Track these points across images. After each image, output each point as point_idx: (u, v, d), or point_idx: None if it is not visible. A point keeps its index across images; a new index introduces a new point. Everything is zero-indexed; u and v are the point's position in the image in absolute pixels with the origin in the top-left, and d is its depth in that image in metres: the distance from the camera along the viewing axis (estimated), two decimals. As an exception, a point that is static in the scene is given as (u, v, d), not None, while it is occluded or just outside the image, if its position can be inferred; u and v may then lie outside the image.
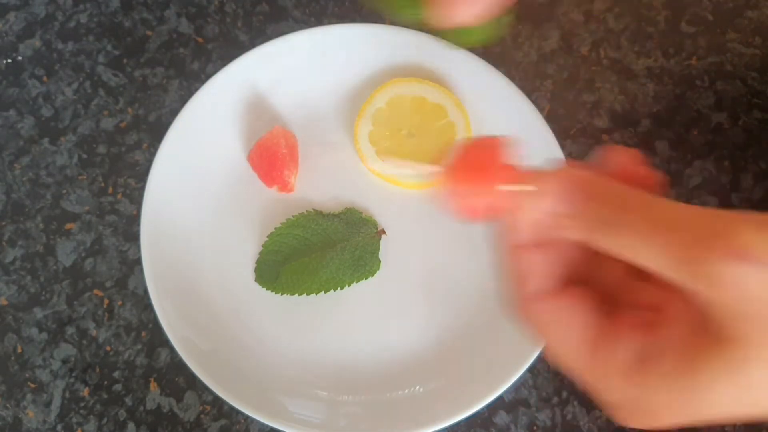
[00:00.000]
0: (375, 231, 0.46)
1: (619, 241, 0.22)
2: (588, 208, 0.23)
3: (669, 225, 0.21)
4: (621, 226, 0.22)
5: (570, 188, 0.23)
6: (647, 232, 0.21)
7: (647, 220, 0.21)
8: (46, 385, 0.45)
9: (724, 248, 0.19)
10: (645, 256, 0.21)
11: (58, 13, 0.54)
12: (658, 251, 0.21)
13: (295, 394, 0.43)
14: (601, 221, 0.22)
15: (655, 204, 0.22)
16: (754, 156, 0.50)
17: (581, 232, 0.23)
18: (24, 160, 0.50)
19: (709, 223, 0.20)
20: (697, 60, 0.53)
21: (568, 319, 0.24)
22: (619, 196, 0.22)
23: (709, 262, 0.19)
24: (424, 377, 0.44)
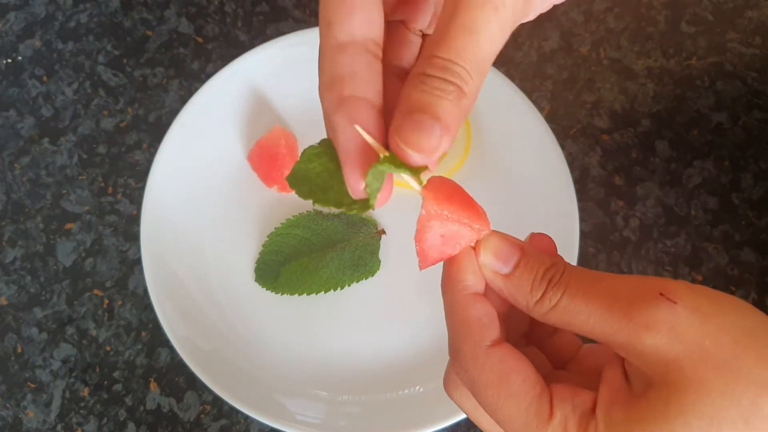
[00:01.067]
0: (375, 231, 0.46)
1: (558, 308, 0.23)
2: (531, 272, 0.24)
3: (603, 286, 0.23)
4: (561, 287, 0.23)
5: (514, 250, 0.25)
6: (585, 291, 0.23)
7: (584, 282, 0.23)
8: (46, 385, 0.45)
9: (656, 296, 0.21)
10: (582, 316, 0.23)
11: (58, 13, 0.54)
12: (595, 310, 0.22)
13: (295, 393, 0.43)
14: (544, 285, 0.24)
15: (588, 271, 0.24)
16: (754, 156, 0.50)
17: (519, 294, 0.25)
18: (24, 160, 0.50)
19: (640, 283, 0.22)
20: (697, 60, 0.53)
21: (523, 368, 0.24)
22: (558, 265, 0.24)
23: (643, 309, 0.21)
24: (424, 377, 0.44)
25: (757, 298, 0.47)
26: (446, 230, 0.25)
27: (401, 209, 0.48)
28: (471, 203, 0.25)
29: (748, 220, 0.48)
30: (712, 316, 0.21)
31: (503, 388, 0.23)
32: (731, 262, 0.47)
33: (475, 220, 0.25)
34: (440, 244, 0.25)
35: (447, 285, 0.26)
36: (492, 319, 0.25)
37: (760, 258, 0.47)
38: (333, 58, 0.24)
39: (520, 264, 0.25)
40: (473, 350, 0.24)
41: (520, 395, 0.23)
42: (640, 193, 0.49)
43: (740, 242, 0.48)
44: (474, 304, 0.25)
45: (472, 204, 0.25)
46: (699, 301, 0.21)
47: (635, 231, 0.48)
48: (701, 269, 0.47)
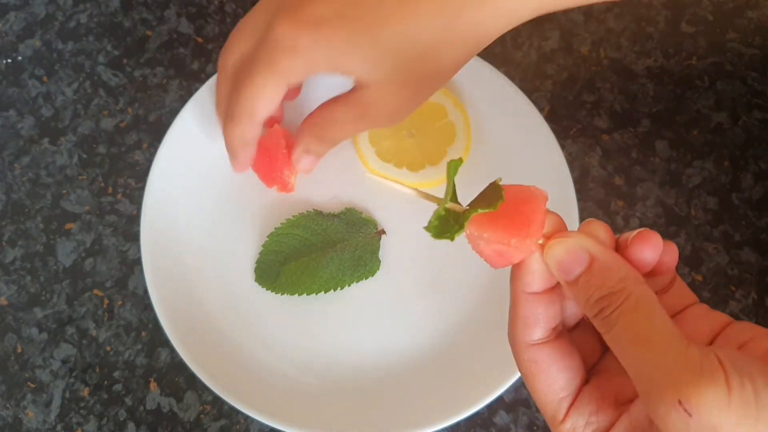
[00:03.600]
0: (375, 231, 0.46)
1: (604, 332, 0.24)
2: (587, 292, 0.24)
3: (646, 349, 0.22)
4: (609, 324, 0.23)
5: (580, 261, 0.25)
6: (628, 343, 0.23)
7: (631, 332, 0.23)
8: (46, 385, 0.45)
9: (673, 396, 0.21)
10: (620, 359, 0.23)
11: (58, 13, 0.54)
12: (630, 366, 0.23)
13: (295, 393, 0.43)
14: (596, 310, 0.24)
15: (646, 317, 0.23)
16: (754, 156, 0.50)
17: (579, 305, 0.25)
18: (24, 160, 0.50)
19: (676, 368, 0.21)
20: (697, 60, 0.53)
21: (552, 372, 0.26)
22: (619, 294, 0.24)
23: (662, 404, 0.21)
24: (424, 377, 0.44)
25: (757, 299, 0.47)
26: (494, 248, 0.25)
27: (401, 209, 0.48)
28: (517, 218, 0.25)
29: (748, 220, 0.48)
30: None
31: (531, 383, 0.26)
32: (731, 262, 0.47)
33: (522, 235, 0.24)
34: (497, 255, 0.25)
35: (511, 279, 0.27)
36: (538, 321, 0.26)
37: (760, 258, 0.47)
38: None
39: (581, 278, 0.24)
40: (516, 343, 0.26)
41: (542, 393, 0.26)
42: (640, 193, 0.49)
43: (740, 242, 0.48)
44: (524, 303, 0.26)
45: (519, 218, 0.25)
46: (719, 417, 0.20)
47: (635, 231, 0.48)
48: (701, 269, 0.47)
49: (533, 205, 0.25)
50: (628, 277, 0.24)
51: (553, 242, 0.25)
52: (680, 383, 0.21)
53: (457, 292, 0.46)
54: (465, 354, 0.44)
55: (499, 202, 0.24)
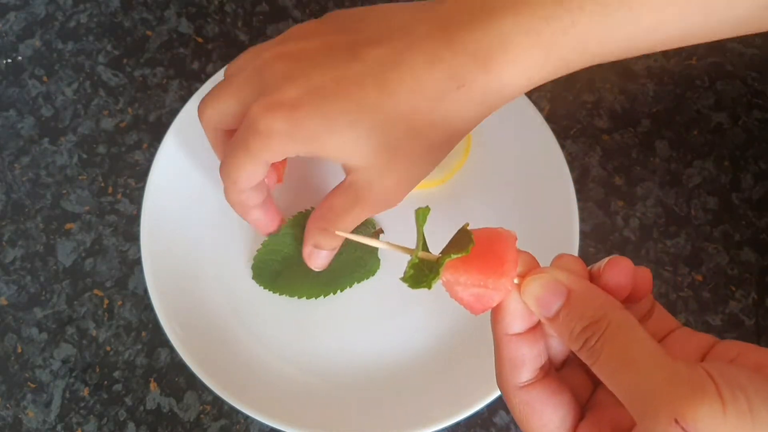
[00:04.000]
0: (374, 230, 0.46)
1: (591, 363, 0.24)
2: (568, 326, 0.24)
3: (635, 371, 0.22)
4: (595, 354, 0.23)
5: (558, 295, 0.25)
6: (616, 369, 0.23)
7: (617, 358, 0.23)
8: (46, 385, 0.45)
9: (668, 416, 0.21)
10: (611, 387, 0.23)
11: (58, 13, 0.54)
12: (621, 391, 0.22)
13: (295, 393, 0.43)
14: (580, 342, 0.24)
15: (630, 340, 0.23)
16: (754, 156, 0.50)
17: (564, 340, 0.25)
18: (24, 160, 0.50)
19: (669, 386, 0.21)
20: (697, 60, 0.53)
21: (546, 413, 0.26)
22: (600, 323, 0.23)
23: (658, 424, 0.21)
24: (424, 377, 0.44)
25: (758, 299, 0.47)
26: (471, 293, 0.25)
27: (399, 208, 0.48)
28: (492, 256, 0.25)
29: (748, 220, 0.48)
30: None
31: (525, 426, 0.26)
32: (731, 262, 0.47)
33: (498, 274, 0.24)
34: (475, 300, 0.25)
35: (492, 322, 0.27)
36: (524, 362, 0.26)
37: (760, 258, 0.47)
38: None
39: (561, 312, 0.24)
40: (504, 387, 0.26)
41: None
42: (640, 193, 0.49)
43: (740, 242, 0.48)
44: (508, 345, 0.26)
45: (495, 256, 0.25)
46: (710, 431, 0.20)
47: (635, 231, 0.48)
48: (701, 269, 0.47)
49: (504, 245, 0.25)
50: (605, 304, 0.24)
51: (528, 280, 0.25)
52: (673, 401, 0.21)
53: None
54: (465, 353, 0.44)
55: (470, 245, 0.24)
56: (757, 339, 0.46)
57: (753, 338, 0.46)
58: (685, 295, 0.47)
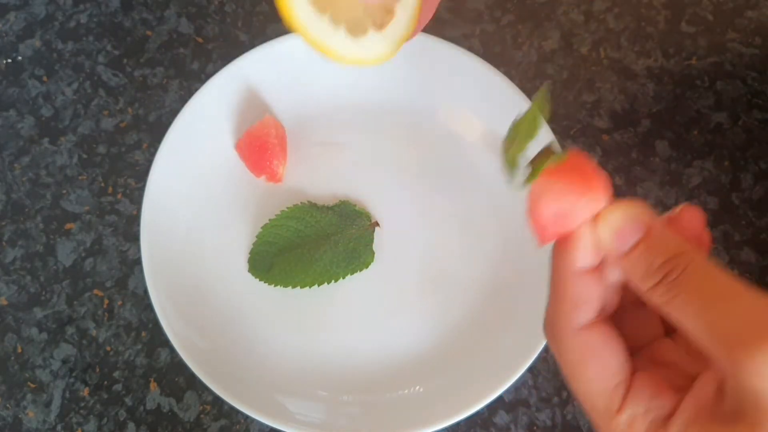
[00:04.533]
0: (368, 223, 0.46)
1: (668, 299, 0.22)
2: (647, 259, 0.23)
3: (725, 304, 0.21)
4: (676, 288, 0.22)
5: (636, 229, 0.23)
6: (701, 303, 0.21)
7: (703, 292, 0.21)
8: (46, 385, 0.45)
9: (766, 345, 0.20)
10: (692, 325, 0.22)
11: (58, 13, 0.54)
12: (707, 327, 0.21)
13: (295, 393, 0.43)
14: (659, 276, 0.22)
15: (716, 276, 0.22)
16: (754, 156, 0.50)
17: (634, 277, 0.23)
18: (24, 160, 0.50)
19: (761, 317, 0.21)
20: (697, 60, 0.53)
21: (605, 356, 0.24)
22: (683, 257, 0.22)
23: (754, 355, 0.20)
24: (424, 377, 0.44)
25: (757, 298, 0.47)
26: (561, 204, 0.23)
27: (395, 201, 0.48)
28: (587, 173, 0.23)
29: (748, 220, 0.48)
30: None
31: (581, 371, 0.24)
32: (731, 262, 0.47)
33: (592, 191, 0.23)
34: (556, 218, 0.23)
35: (556, 255, 0.25)
36: (589, 301, 0.24)
37: (760, 258, 0.47)
38: None
39: (639, 245, 0.23)
40: (563, 328, 0.24)
41: (595, 382, 0.23)
42: (640, 193, 0.49)
43: (740, 242, 0.48)
44: (575, 282, 0.24)
45: (589, 174, 0.23)
46: None
47: (635, 231, 0.48)
48: (701, 269, 0.47)
49: (591, 165, 0.24)
50: (684, 243, 0.23)
51: (608, 209, 0.23)
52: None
53: (454, 287, 0.46)
54: (465, 353, 0.44)
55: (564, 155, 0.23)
56: (757, 339, 0.46)
57: (753, 338, 0.46)
58: (685, 295, 0.46)
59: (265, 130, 0.46)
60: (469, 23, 0.53)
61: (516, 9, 0.54)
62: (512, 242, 0.46)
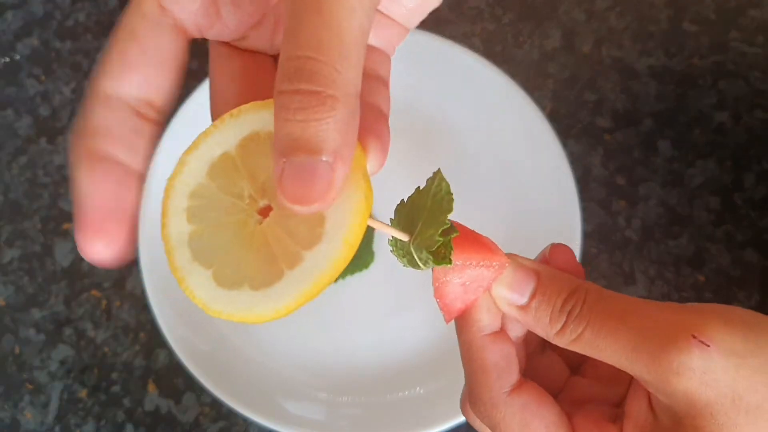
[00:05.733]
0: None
1: (581, 339, 0.22)
2: (548, 304, 0.23)
3: (632, 320, 0.21)
4: (584, 319, 0.22)
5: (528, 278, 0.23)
6: (611, 326, 0.21)
7: (608, 315, 0.22)
8: (44, 386, 0.45)
9: (688, 338, 0.20)
10: (607, 351, 0.22)
11: (56, 12, 0.54)
12: (622, 346, 0.21)
13: (295, 395, 0.43)
14: (563, 316, 0.22)
15: (613, 298, 0.22)
16: (756, 155, 0.50)
17: (541, 325, 0.23)
18: (21, 159, 0.50)
19: (671, 320, 0.21)
20: (699, 59, 0.52)
21: (544, 412, 0.23)
22: (579, 291, 0.23)
23: (675, 351, 0.20)
24: (424, 378, 0.43)
25: (760, 299, 0.46)
26: (465, 277, 0.23)
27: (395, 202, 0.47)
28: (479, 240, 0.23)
29: (751, 220, 0.48)
30: (747, 358, 0.20)
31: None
32: (734, 263, 0.47)
33: (490, 256, 0.23)
34: (462, 292, 0.23)
35: (461, 326, 0.24)
36: (510, 361, 0.24)
37: (762, 258, 0.47)
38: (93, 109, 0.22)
39: (536, 294, 0.23)
40: (493, 398, 0.24)
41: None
42: (642, 193, 0.49)
43: (743, 242, 0.48)
44: (491, 347, 0.24)
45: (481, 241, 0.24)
46: (734, 341, 0.20)
47: (637, 231, 0.48)
48: (703, 269, 0.47)
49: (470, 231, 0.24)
50: (573, 277, 0.23)
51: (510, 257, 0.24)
52: (687, 326, 0.20)
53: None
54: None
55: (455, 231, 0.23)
56: (760, 340, 0.45)
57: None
58: (687, 296, 0.46)
59: None
60: (469, 22, 0.53)
61: (517, 7, 0.54)
62: (513, 242, 0.45)
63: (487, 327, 0.24)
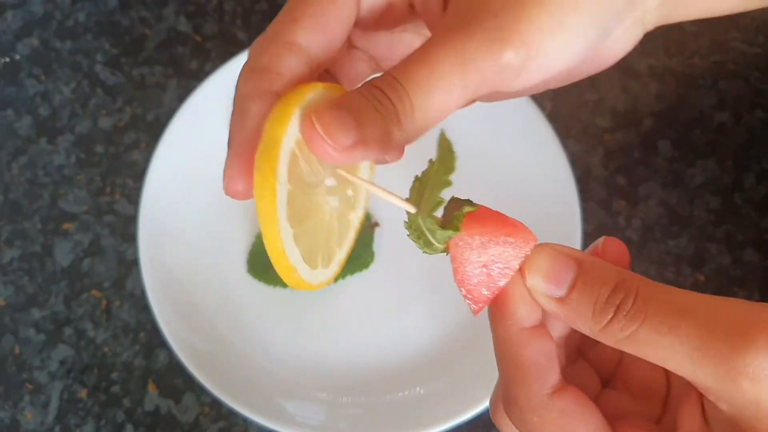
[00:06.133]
0: (369, 223, 0.46)
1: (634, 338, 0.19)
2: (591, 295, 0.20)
3: (697, 315, 0.19)
4: (637, 317, 0.19)
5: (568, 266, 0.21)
6: (673, 322, 0.19)
7: (669, 310, 0.19)
8: (44, 386, 0.45)
9: (765, 337, 0.18)
10: (666, 351, 0.19)
11: (56, 12, 0.54)
12: (686, 345, 0.19)
13: (295, 395, 0.43)
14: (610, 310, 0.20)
15: (671, 291, 0.20)
16: (756, 155, 0.50)
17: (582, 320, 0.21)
18: (21, 159, 0.50)
19: (741, 315, 0.18)
20: (699, 59, 0.52)
21: (588, 418, 0.21)
22: (628, 283, 0.20)
23: (747, 355, 0.18)
24: (425, 378, 0.43)
25: (760, 299, 0.46)
26: (486, 257, 0.21)
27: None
28: (503, 219, 0.21)
29: (751, 221, 0.48)
30: None
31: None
32: (734, 263, 0.47)
33: (516, 233, 0.21)
34: (486, 276, 0.21)
35: (495, 318, 0.22)
36: (551, 359, 0.21)
37: (763, 258, 0.47)
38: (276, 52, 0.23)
39: (576, 284, 0.20)
40: (531, 400, 0.21)
41: None
42: (642, 193, 0.49)
43: (743, 242, 0.48)
44: (529, 342, 0.21)
45: (505, 219, 0.21)
46: None
47: (637, 231, 0.48)
48: (704, 270, 0.47)
49: (492, 211, 0.21)
50: (620, 269, 0.21)
51: (531, 256, 0.21)
52: (763, 325, 0.18)
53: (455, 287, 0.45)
54: (466, 354, 0.44)
55: (473, 205, 0.20)
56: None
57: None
58: (688, 296, 0.46)
59: None
60: (469, 22, 0.53)
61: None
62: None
63: (525, 320, 0.21)
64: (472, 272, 0.21)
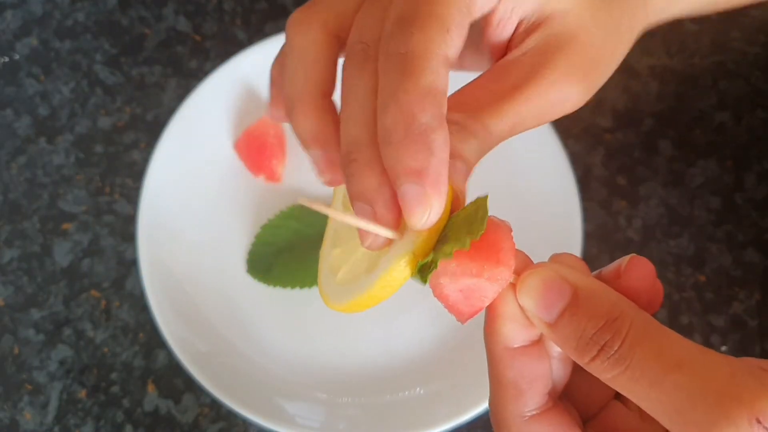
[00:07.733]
0: None
1: (615, 373, 0.19)
2: (577, 329, 0.20)
3: (680, 377, 0.18)
4: (621, 361, 0.19)
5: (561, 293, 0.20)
6: (653, 379, 0.18)
7: (652, 365, 0.18)
8: (44, 386, 0.45)
9: (748, 414, 0.17)
10: (645, 404, 0.19)
11: (56, 12, 0.54)
12: (663, 407, 0.18)
13: (294, 396, 0.43)
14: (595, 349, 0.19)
15: (663, 340, 0.19)
16: (757, 155, 0.50)
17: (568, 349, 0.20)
18: (21, 159, 0.50)
19: (731, 379, 0.18)
20: (700, 59, 0.52)
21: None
22: (619, 322, 0.19)
23: (734, 426, 0.17)
24: (425, 379, 0.43)
25: (761, 299, 0.46)
26: (460, 285, 0.21)
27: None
28: (485, 246, 0.21)
29: (752, 220, 0.48)
30: None
31: None
32: (734, 263, 0.47)
33: (494, 262, 0.20)
34: (463, 298, 0.21)
35: (485, 333, 0.22)
36: (532, 383, 0.21)
37: (763, 258, 0.47)
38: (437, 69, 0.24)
39: (565, 314, 0.20)
40: (506, 419, 0.21)
41: None
42: (643, 193, 0.49)
43: (744, 242, 0.47)
44: (512, 364, 0.21)
45: (487, 247, 0.21)
46: None
47: (638, 231, 0.48)
48: (704, 269, 0.47)
49: (499, 234, 0.21)
50: (620, 302, 0.20)
51: (525, 275, 0.21)
52: (751, 400, 0.17)
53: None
54: (466, 355, 0.44)
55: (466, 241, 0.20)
56: (761, 340, 0.45)
57: (756, 339, 0.45)
58: (688, 296, 0.46)
59: (264, 129, 0.46)
60: (469, 21, 0.53)
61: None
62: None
63: (511, 339, 0.21)
64: (450, 293, 0.21)
